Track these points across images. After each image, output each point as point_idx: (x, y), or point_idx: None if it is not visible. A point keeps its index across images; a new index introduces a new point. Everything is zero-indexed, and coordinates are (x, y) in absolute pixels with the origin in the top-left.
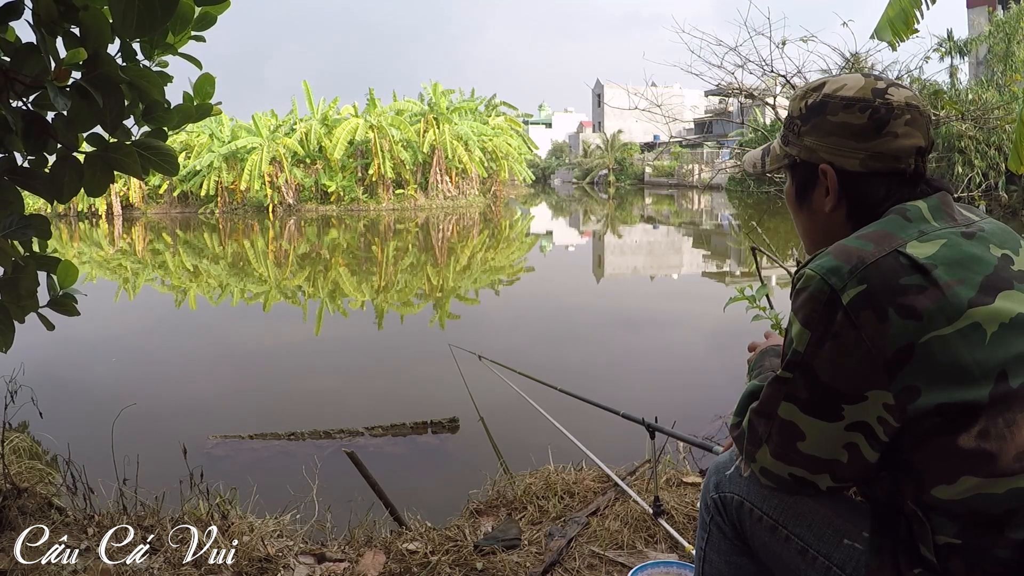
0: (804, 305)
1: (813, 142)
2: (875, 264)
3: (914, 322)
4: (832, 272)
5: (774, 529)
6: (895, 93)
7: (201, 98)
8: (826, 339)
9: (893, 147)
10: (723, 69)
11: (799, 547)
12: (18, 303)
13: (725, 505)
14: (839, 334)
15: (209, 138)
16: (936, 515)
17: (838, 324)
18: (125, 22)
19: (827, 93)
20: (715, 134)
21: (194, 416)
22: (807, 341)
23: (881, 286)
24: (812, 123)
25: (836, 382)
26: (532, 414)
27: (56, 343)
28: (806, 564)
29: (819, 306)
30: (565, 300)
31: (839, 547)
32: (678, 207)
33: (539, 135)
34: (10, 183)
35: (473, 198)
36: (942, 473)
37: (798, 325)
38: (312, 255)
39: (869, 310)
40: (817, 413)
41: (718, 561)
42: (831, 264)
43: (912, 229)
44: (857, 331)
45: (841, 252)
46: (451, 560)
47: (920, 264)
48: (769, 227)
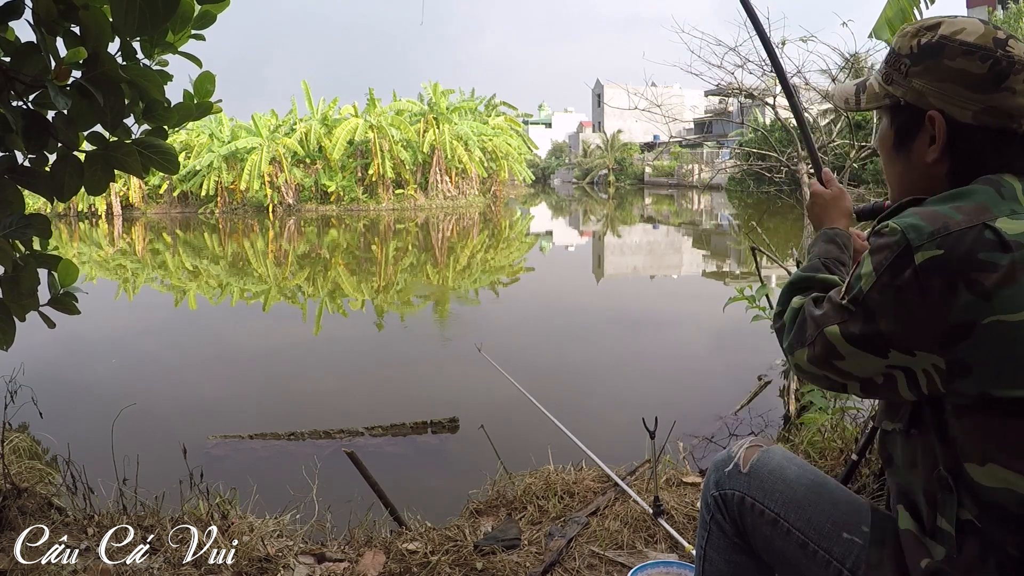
0: (879, 251)
1: (923, 85)
2: (959, 233)
3: (981, 301)
4: (913, 228)
5: (775, 523)
6: (1015, 46)
7: (201, 96)
8: (890, 289)
9: (1009, 104)
10: (723, 69)
11: (800, 541)
12: (19, 301)
13: (726, 502)
14: (903, 290)
15: (209, 138)
16: (965, 490)
17: (904, 280)
18: (126, 21)
19: (944, 35)
20: (715, 134)
21: (194, 416)
22: (872, 284)
23: (958, 257)
24: (924, 65)
25: (890, 330)
26: (532, 414)
27: (56, 343)
28: (807, 558)
29: (892, 256)
30: (565, 300)
31: (839, 541)
32: (678, 207)
33: (539, 135)
34: (10, 182)
35: (473, 198)
36: (975, 452)
37: (869, 266)
38: (312, 255)
39: (938, 277)
40: (864, 347)
41: (718, 559)
42: (915, 222)
43: (1004, 206)
44: (921, 294)
45: (928, 214)
46: (451, 560)
47: (1006, 241)
48: (769, 227)
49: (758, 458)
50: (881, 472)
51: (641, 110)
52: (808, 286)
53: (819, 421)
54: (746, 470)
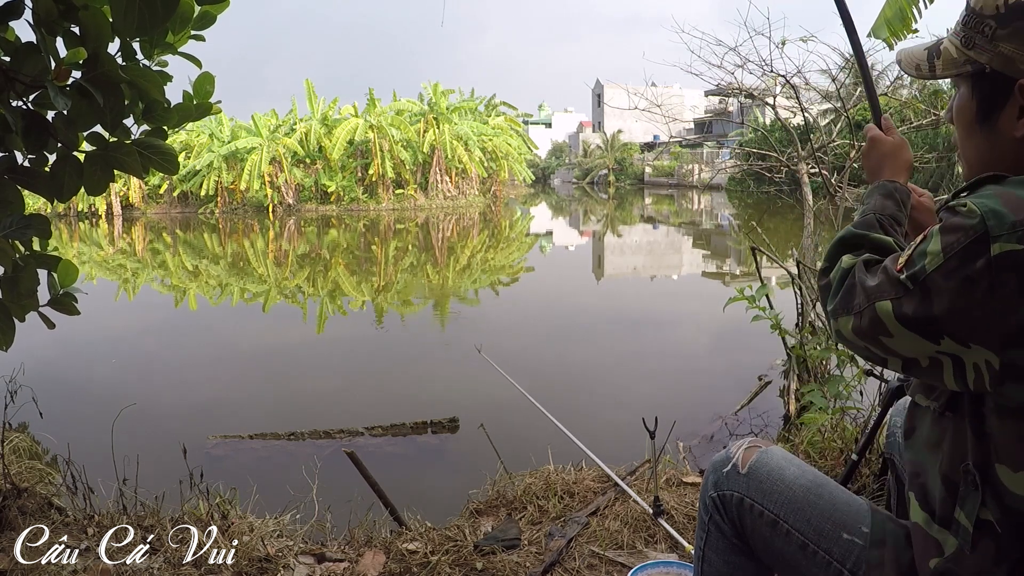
0: (952, 231)
1: (1013, 50)
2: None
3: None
4: (995, 215)
5: (775, 524)
6: None
7: (201, 97)
8: (957, 275)
9: None
10: (723, 69)
11: (800, 542)
12: (18, 302)
13: (724, 503)
14: (972, 280)
15: (209, 138)
16: (990, 489)
17: (975, 270)
18: (126, 21)
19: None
20: (715, 134)
21: (194, 416)
22: (938, 266)
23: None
24: (1014, 27)
25: (948, 318)
26: (532, 414)
27: (56, 343)
28: (807, 559)
29: (966, 240)
30: (565, 300)
31: (839, 541)
32: (678, 207)
33: (539, 135)
34: (10, 182)
35: (473, 198)
36: (1010, 456)
37: (938, 245)
38: (312, 255)
39: (1013, 273)
40: (915, 330)
41: (717, 561)
42: (997, 207)
43: None
44: (991, 288)
45: (1011, 200)
46: (451, 560)
47: None
48: (769, 227)
49: (757, 459)
50: (881, 472)
51: (641, 110)
52: (859, 244)
53: (819, 421)
54: (745, 471)
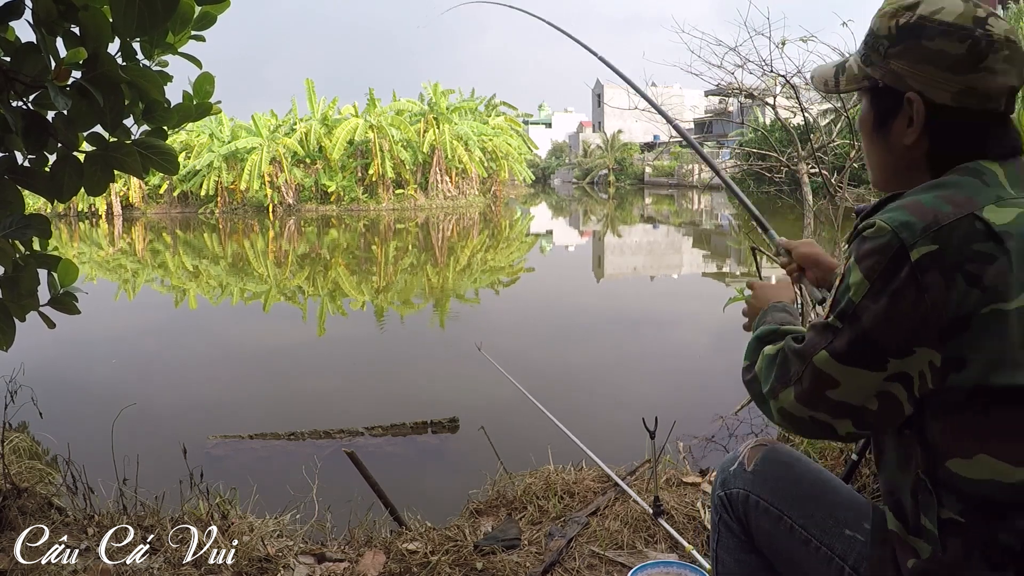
0: (869, 255)
1: (902, 67)
2: (950, 226)
3: (978, 292)
4: (905, 227)
5: (779, 520)
6: (995, 24)
7: (201, 97)
8: (884, 294)
9: (988, 84)
10: (723, 69)
11: (803, 537)
12: (18, 301)
13: (732, 501)
14: (900, 291)
15: (209, 138)
16: (945, 490)
17: (901, 281)
18: (126, 21)
19: (923, 15)
20: (715, 134)
21: (194, 416)
22: (864, 292)
23: (953, 249)
24: (903, 46)
25: (886, 337)
26: (532, 414)
27: (56, 343)
28: (809, 555)
29: (885, 260)
30: (565, 300)
31: (841, 537)
32: (678, 207)
33: (539, 135)
34: (10, 182)
35: (473, 198)
36: (961, 447)
37: (859, 275)
38: (312, 255)
39: (936, 272)
40: (860, 363)
41: (728, 560)
42: (905, 218)
43: (990, 193)
44: (919, 291)
45: (916, 208)
46: (451, 560)
47: (995, 232)
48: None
49: (763, 456)
50: None
51: (641, 110)
52: (777, 336)
53: None
54: (751, 468)
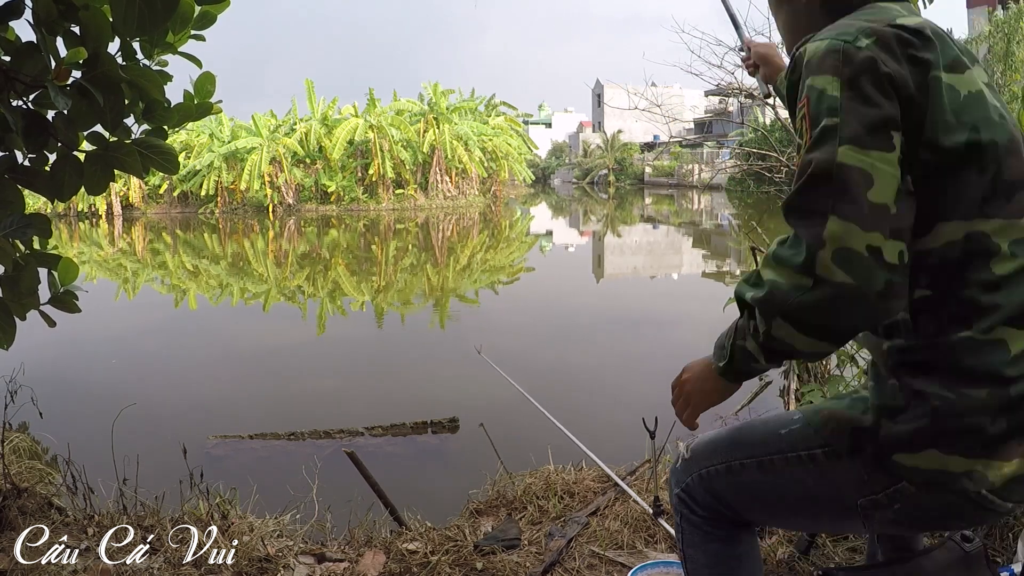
0: (823, 60)
1: None
2: (877, 29)
3: (922, 67)
4: (840, 35)
5: (729, 469)
6: None
7: (201, 97)
8: (857, 76)
9: None
10: (723, 69)
11: (756, 464)
12: (19, 300)
13: (689, 492)
14: (865, 69)
15: (209, 138)
16: (916, 271)
17: (862, 63)
18: (126, 21)
19: None
20: (715, 134)
21: (194, 416)
22: (838, 85)
23: (888, 40)
24: None
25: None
26: (532, 414)
27: (56, 343)
28: (772, 474)
29: (839, 55)
30: (565, 300)
31: (782, 438)
32: (678, 207)
33: (539, 135)
34: (11, 182)
35: (473, 198)
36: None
37: (822, 77)
38: (312, 255)
39: (885, 53)
40: (875, 144)
41: (696, 554)
42: (836, 32)
43: (894, 11)
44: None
45: (840, 26)
46: (451, 560)
47: (914, 28)
48: (769, 227)
49: (693, 441)
50: None
51: (641, 110)
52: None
53: None
54: (688, 455)
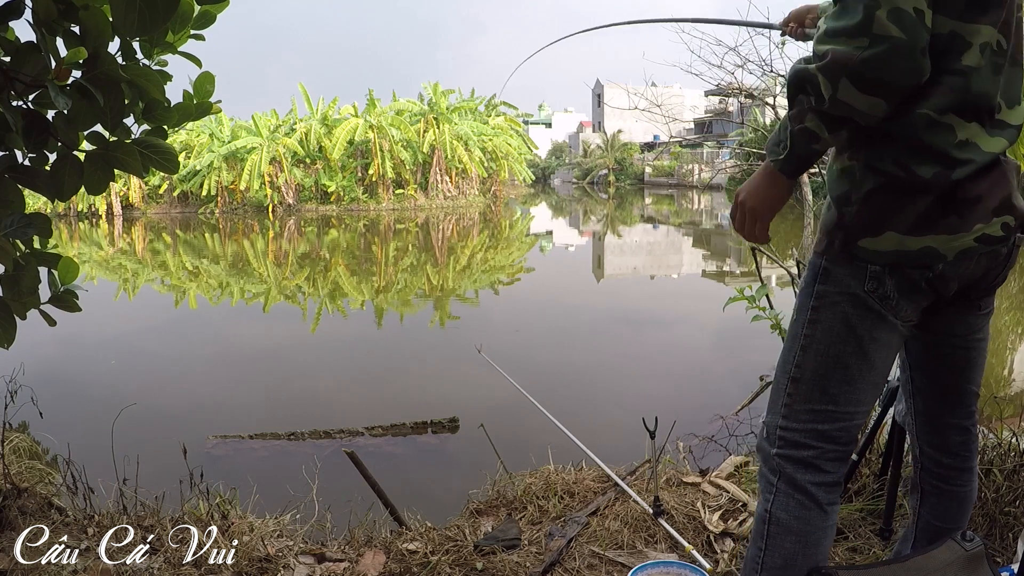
0: None
1: None
2: None
3: None
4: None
5: (792, 379)
6: None
7: (201, 96)
8: None
9: None
10: (723, 69)
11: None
12: (19, 299)
13: (788, 434)
14: None
15: (209, 138)
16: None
17: None
18: (126, 21)
19: None
20: (715, 134)
21: (194, 416)
22: None
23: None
24: None
25: None
26: (532, 414)
27: (56, 343)
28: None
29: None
30: (565, 300)
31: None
32: (678, 207)
33: (539, 135)
34: (11, 181)
35: (473, 198)
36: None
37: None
38: (312, 255)
39: None
40: None
41: (787, 519)
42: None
43: None
44: None
45: None
46: (451, 560)
47: None
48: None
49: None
50: (881, 472)
51: (641, 110)
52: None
53: None
54: (766, 417)
